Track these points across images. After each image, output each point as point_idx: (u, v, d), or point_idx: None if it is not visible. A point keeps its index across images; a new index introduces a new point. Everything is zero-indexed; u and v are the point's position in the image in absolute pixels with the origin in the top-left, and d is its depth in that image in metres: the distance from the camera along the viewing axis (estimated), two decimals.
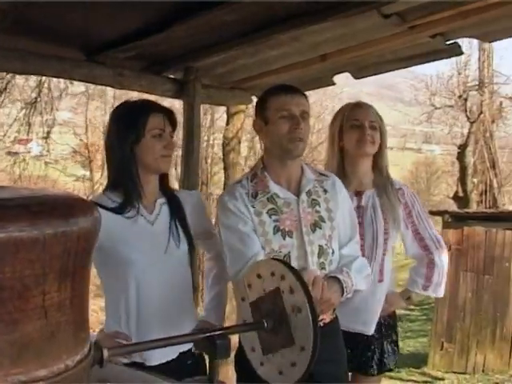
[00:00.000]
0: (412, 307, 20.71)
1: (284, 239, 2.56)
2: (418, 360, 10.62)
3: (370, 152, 3.06)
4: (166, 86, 3.95)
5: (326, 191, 2.70)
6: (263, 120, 2.63)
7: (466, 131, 17.69)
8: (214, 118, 18.52)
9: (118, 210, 2.52)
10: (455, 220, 9.71)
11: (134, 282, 2.53)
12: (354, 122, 3.05)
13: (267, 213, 2.58)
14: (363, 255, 2.87)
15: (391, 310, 3.18)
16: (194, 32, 3.11)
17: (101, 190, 2.89)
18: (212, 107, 15.63)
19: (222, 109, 10.23)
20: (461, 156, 16.84)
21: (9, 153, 14.88)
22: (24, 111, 10.12)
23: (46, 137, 10.85)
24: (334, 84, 4.22)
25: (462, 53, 3.45)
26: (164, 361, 2.55)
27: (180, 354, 2.62)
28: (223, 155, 9.12)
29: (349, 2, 2.83)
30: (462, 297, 9.53)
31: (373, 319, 3.04)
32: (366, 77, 4.02)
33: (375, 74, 3.97)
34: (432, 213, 10.68)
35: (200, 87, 3.95)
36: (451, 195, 18.52)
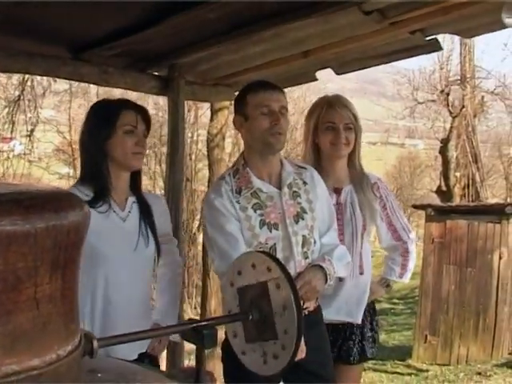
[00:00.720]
0: (396, 301, 20.88)
1: (270, 232, 2.62)
2: (403, 353, 10.69)
3: (344, 154, 3.11)
4: (150, 83, 3.97)
5: (305, 183, 2.78)
6: (243, 116, 2.68)
7: (448, 126, 17.77)
8: (198, 115, 18.48)
9: (91, 204, 2.52)
10: (438, 214, 9.75)
11: (103, 278, 2.55)
12: (329, 124, 3.08)
13: (252, 207, 2.63)
14: None
15: (372, 299, 3.25)
16: (178, 30, 3.14)
17: None
18: (196, 104, 15.61)
19: (206, 105, 10.27)
20: (443, 150, 16.92)
21: None
22: (7, 109, 10.10)
23: (30, 135, 10.81)
24: (316, 80, 4.25)
25: (441, 48, 3.50)
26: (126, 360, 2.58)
27: (139, 354, 2.66)
28: (207, 151, 9.12)
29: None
30: (446, 289, 9.60)
31: (358, 309, 3.11)
32: (348, 72, 4.07)
33: (357, 70, 4.02)
34: (415, 206, 10.77)
35: (184, 84, 3.98)
36: (434, 189, 18.61)
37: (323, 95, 3.28)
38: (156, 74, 4.06)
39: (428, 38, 3.43)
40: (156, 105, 17.84)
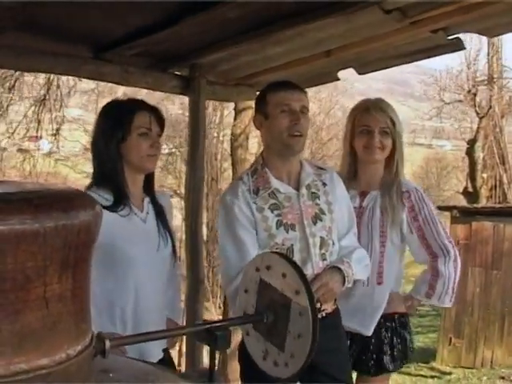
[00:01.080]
0: (423, 302, 20.72)
1: (287, 232, 2.61)
2: (427, 355, 10.62)
3: (378, 159, 3.03)
4: (171, 83, 3.98)
5: (324, 184, 2.76)
6: (263, 115, 2.68)
7: (475, 126, 17.61)
8: (224, 114, 18.51)
9: (112, 208, 2.52)
10: (463, 215, 9.68)
11: (133, 281, 2.56)
12: (364, 127, 3.01)
13: (269, 208, 2.62)
14: None
15: (390, 312, 3.05)
16: (199, 29, 3.14)
17: None
18: (221, 103, 15.63)
19: (232, 105, 10.31)
20: (470, 151, 16.77)
21: (19, 150, 14.92)
22: (33, 108, 10.17)
23: (55, 134, 10.89)
24: (338, 79, 4.24)
25: (463, 47, 3.45)
26: (160, 358, 2.62)
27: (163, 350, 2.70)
28: (231, 151, 9.14)
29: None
30: (471, 292, 9.53)
31: (370, 321, 2.99)
32: (370, 72, 4.03)
33: (379, 70, 3.98)
34: (440, 208, 10.66)
35: (205, 84, 3.97)
36: (461, 190, 18.44)
37: (365, 98, 3.22)
38: (177, 73, 4.07)
39: (450, 37, 3.38)
40: (182, 104, 17.89)
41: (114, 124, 2.56)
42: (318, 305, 2.59)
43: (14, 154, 14.83)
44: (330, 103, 23.77)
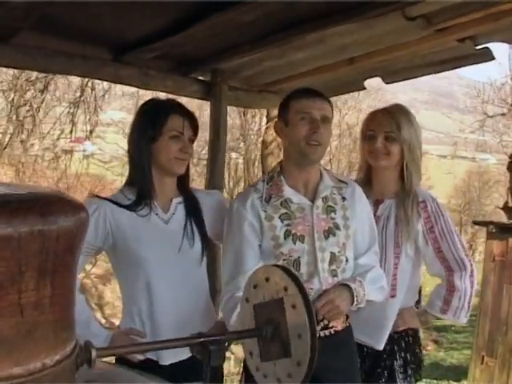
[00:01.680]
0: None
1: (294, 244, 2.52)
2: (459, 373, 10.40)
3: (383, 164, 2.92)
4: (192, 88, 3.93)
5: (344, 198, 2.65)
6: (284, 122, 2.61)
7: None
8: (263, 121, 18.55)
9: (132, 207, 2.54)
10: (500, 231, 9.40)
11: (144, 282, 2.54)
12: (370, 132, 2.93)
13: (279, 217, 2.54)
14: None
15: (403, 328, 2.97)
16: (212, 32, 3.07)
17: None
18: (261, 110, 15.64)
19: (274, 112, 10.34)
20: (511, 166, 16.40)
21: (64, 151, 15.12)
22: (69, 110, 10.29)
23: (88, 136, 11.00)
24: (364, 88, 4.13)
25: (493, 58, 3.31)
26: (177, 360, 2.55)
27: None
28: (261, 158, 9.10)
29: (371, 2, 2.75)
30: (505, 310, 9.25)
31: (381, 334, 2.89)
32: (397, 82, 3.93)
33: (405, 79, 3.88)
34: (476, 223, 10.45)
35: (227, 89, 3.91)
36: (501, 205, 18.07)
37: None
38: (200, 78, 4.02)
39: (479, 47, 3.26)
40: None
41: (147, 123, 2.56)
42: (326, 322, 2.53)
43: (58, 155, 15.00)
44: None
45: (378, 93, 24.61)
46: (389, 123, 2.87)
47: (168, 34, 3.18)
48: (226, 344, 1.76)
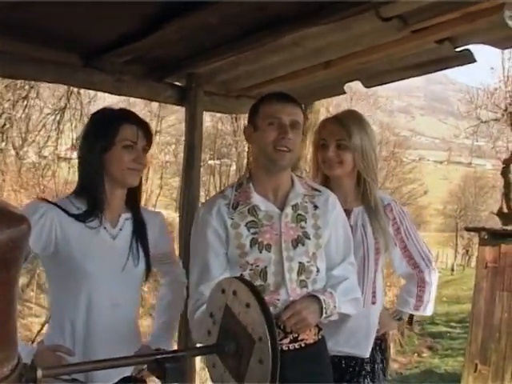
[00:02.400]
0: (454, 324, 20.30)
1: (261, 252, 2.44)
2: (453, 380, 10.33)
3: (338, 173, 2.90)
4: (166, 93, 3.81)
5: (316, 207, 2.58)
6: (253, 127, 2.53)
7: (511, 146, 17.26)
8: None
9: (81, 218, 2.43)
10: (492, 237, 9.35)
11: (86, 297, 2.43)
12: (322, 141, 2.90)
13: (246, 225, 2.46)
14: None
15: (382, 332, 3.02)
16: (184, 35, 2.97)
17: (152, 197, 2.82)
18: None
19: None
20: (505, 171, 16.36)
21: (60, 158, 15.00)
22: (55, 117, 10.21)
23: (74, 144, 10.89)
24: (344, 93, 4.02)
25: (474, 60, 3.20)
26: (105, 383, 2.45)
27: (122, 378, 2.51)
28: None
29: (343, 2, 2.66)
30: (498, 317, 9.18)
31: (367, 342, 2.89)
32: (377, 85, 3.85)
33: (386, 83, 3.77)
34: (468, 229, 10.42)
35: (202, 94, 3.80)
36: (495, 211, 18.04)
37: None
38: (176, 83, 3.90)
39: (459, 49, 3.16)
40: (213, 116, 17.91)
41: (100, 133, 2.47)
42: (295, 334, 2.45)
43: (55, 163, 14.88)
44: (369, 119, 23.67)
45: (371, 98, 24.65)
46: (339, 131, 2.86)
47: (137, 37, 3.07)
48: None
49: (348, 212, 2.86)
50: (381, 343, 3.00)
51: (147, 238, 2.60)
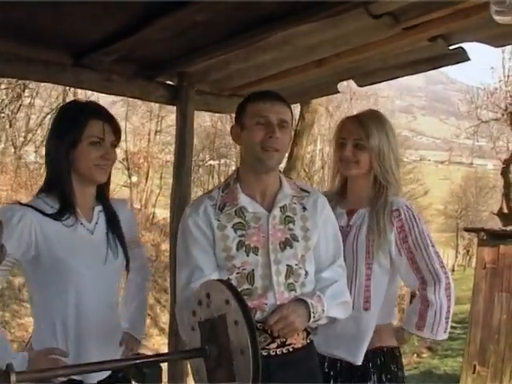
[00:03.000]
0: (454, 325, 20.24)
1: (248, 255, 2.37)
2: (451, 381, 10.28)
3: (353, 173, 2.81)
4: (158, 92, 3.77)
5: (304, 209, 2.51)
6: (240, 126, 2.47)
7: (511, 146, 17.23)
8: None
9: (57, 217, 2.38)
10: (491, 238, 9.30)
11: (75, 294, 2.41)
12: (341, 140, 2.82)
13: (232, 227, 2.40)
14: None
15: (379, 345, 2.81)
16: (171, 33, 2.93)
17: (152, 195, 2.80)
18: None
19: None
20: (505, 171, 16.32)
21: None
22: (51, 117, 10.18)
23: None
24: (337, 92, 3.98)
25: (467, 58, 3.16)
26: (101, 378, 2.43)
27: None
28: None
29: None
30: (497, 318, 9.13)
31: (358, 349, 2.75)
32: (372, 84, 3.82)
33: (380, 81, 3.74)
34: (467, 230, 10.37)
35: (194, 93, 3.76)
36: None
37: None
38: (168, 82, 3.87)
39: (452, 47, 3.11)
40: (212, 116, 17.83)
41: (66, 129, 2.42)
42: (283, 339, 2.38)
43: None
44: None
45: (371, 98, 24.60)
46: (357, 130, 2.77)
47: (124, 35, 3.03)
48: None
49: (353, 212, 2.82)
50: (380, 358, 2.81)
51: (121, 228, 2.59)
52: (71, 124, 2.41)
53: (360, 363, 2.75)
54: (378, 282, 2.78)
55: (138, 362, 1.65)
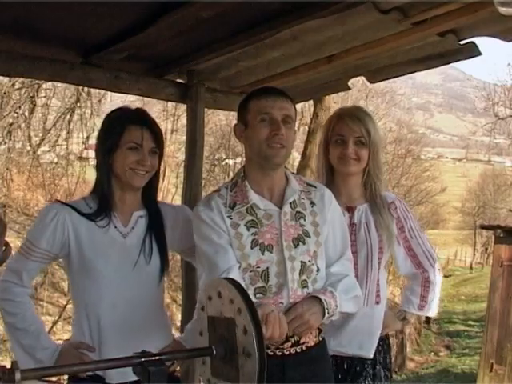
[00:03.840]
0: (472, 323, 20.12)
1: (263, 254, 2.36)
2: (468, 380, 10.21)
3: (353, 170, 2.84)
4: (167, 90, 3.75)
5: (313, 204, 2.50)
6: (243, 124, 2.46)
7: None
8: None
9: (91, 217, 2.48)
10: (508, 235, 9.21)
11: (97, 294, 2.47)
12: (339, 137, 2.83)
13: (245, 225, 2.38)
14: (356, 276, 2.66)
15: (386, 332, 2.97)
16: (179, 30, 2.91)
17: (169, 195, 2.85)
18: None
19: None
20: None
21: (79, 158, 15.05)
22: (64, 116, 10.21)
23: (84, 142, 10.92)
24: (349, 89, 3.96)
25: (479, 53, 3.13)
26: (122, 381, 2.43)
27: None
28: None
29: None
30: None
31: (371, 343, 2.83)
32: (382, 80, 3.79)
33: (391, 78, 3.71)
34: (483, 227, 10.27)
35: (203, 91, 3.74)
36: None
37: (342, 107, 3.13)
38: (175, 80, 3.84)
39: (463, 42, 3.08)
40: (227, 114, 17.77)
41: (107, 134, 2.52)
42: (297, 338, 2.37)
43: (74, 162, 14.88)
44: (387, 118, 23.56)
45: (387, 95, 24.50)
46: (359, 129, 2.80)
47: (133, 33, 3.02)
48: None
49: (352, 209, 2.85)
50: (383, 344, 2.94)
51: (164, 234, 2.61)
52: (111, 130, 2.50)
53: (372, 356, 2.84)
54: (383, 275, 2.92)
55: (143, 360, 1.63)
